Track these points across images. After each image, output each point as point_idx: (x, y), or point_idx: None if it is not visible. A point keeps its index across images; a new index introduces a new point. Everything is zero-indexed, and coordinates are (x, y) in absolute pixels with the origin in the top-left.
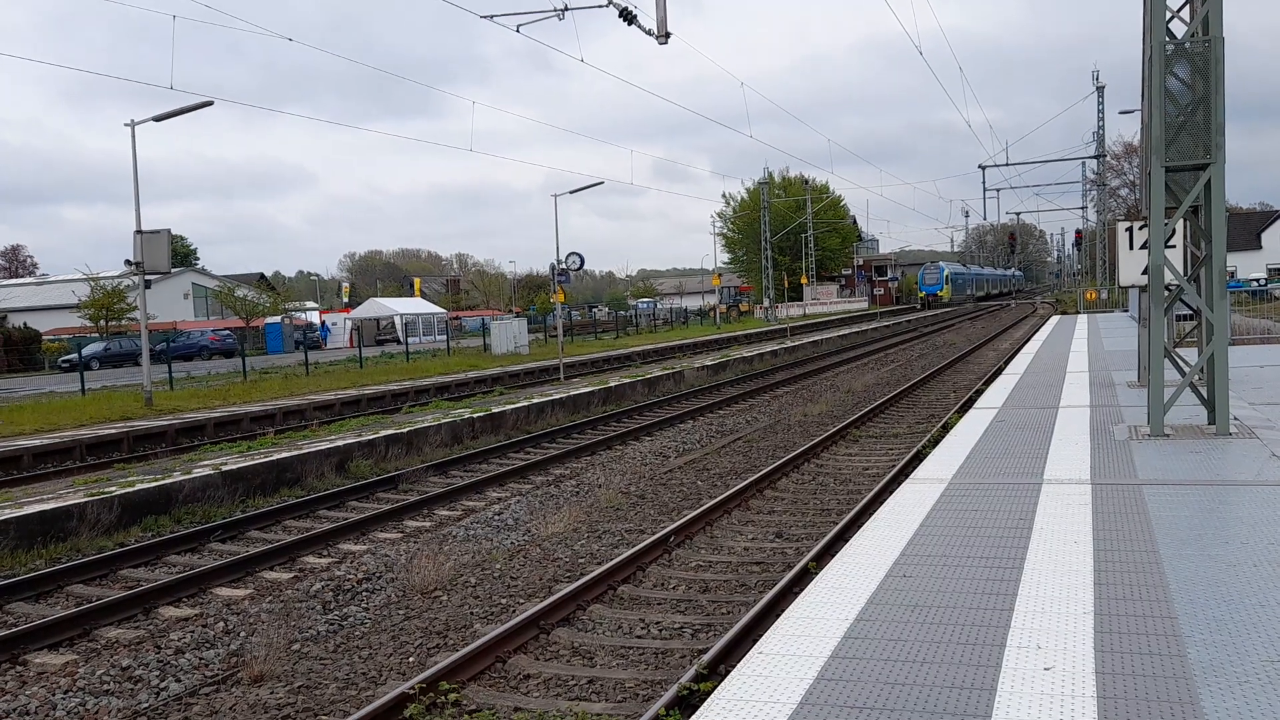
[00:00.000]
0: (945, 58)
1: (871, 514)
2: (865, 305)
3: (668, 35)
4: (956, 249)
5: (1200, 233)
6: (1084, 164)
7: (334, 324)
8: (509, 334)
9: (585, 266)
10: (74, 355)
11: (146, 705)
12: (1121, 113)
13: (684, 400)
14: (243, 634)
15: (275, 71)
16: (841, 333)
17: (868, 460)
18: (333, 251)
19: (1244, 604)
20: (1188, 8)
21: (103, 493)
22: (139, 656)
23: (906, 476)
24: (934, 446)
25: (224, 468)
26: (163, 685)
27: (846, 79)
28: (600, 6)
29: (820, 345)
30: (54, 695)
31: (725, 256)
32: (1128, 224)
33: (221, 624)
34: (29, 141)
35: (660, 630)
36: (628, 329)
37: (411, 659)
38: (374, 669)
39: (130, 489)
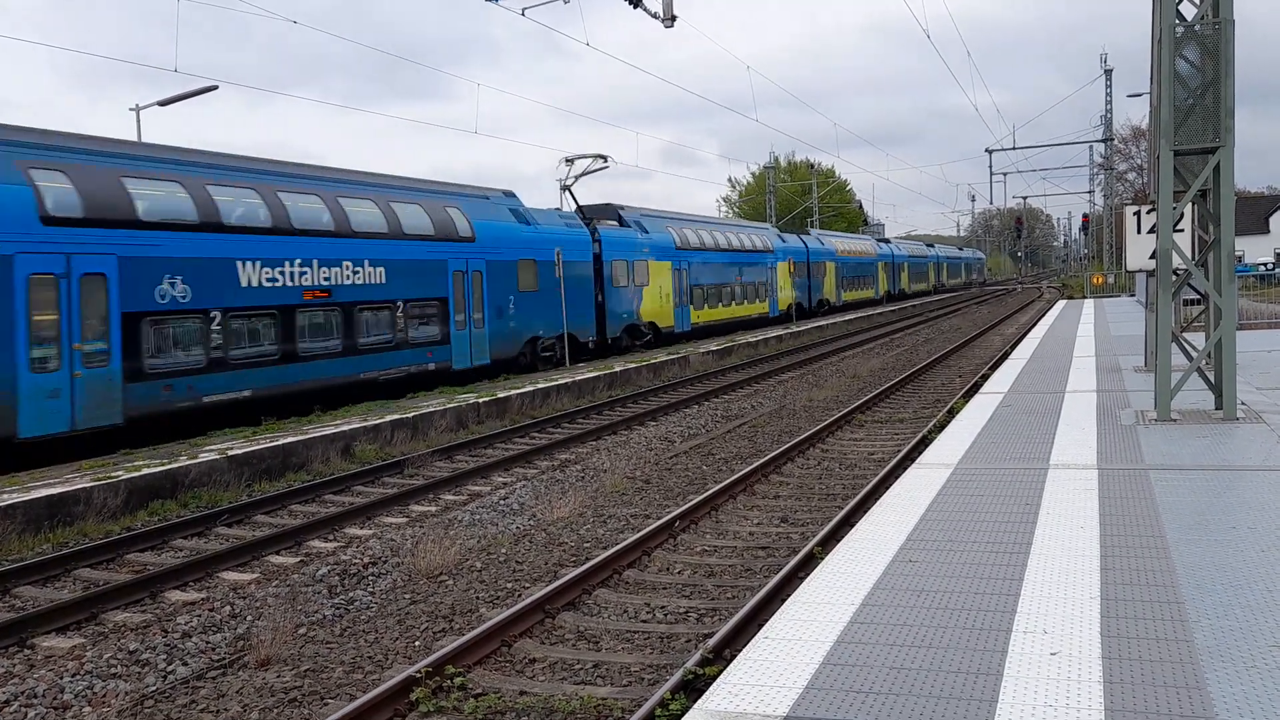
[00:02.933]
0: (952, 40)
1: (877, 499)
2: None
3: (674, 18)
4: (963, 233)
5: (1209, 217)
6: (1091, 148)
7: None
8: None
9: None
10: None
11: (154, 688)
12: (1130, 96)
13: (689, 385)
14: (249, 618)
15: (281, 55)
16: (847, 317)
17: (873, 445)
18: None
19: (1251, 589)
20: None
21: (109, 477)
22: (146, 640)
23: (912, 461)
24: (940, 431)
25: (230, 452)
26: (170, 668)
27: (853, 62)
28: None
29: (825, 330)
30: (61, 678)
31: None
32: (1135, 208)
33: (228, 608)
34: (37, 124)
35: (666, 615)
36: None
37: (417, 643)
38: (380, 653)
39: (136, 473)
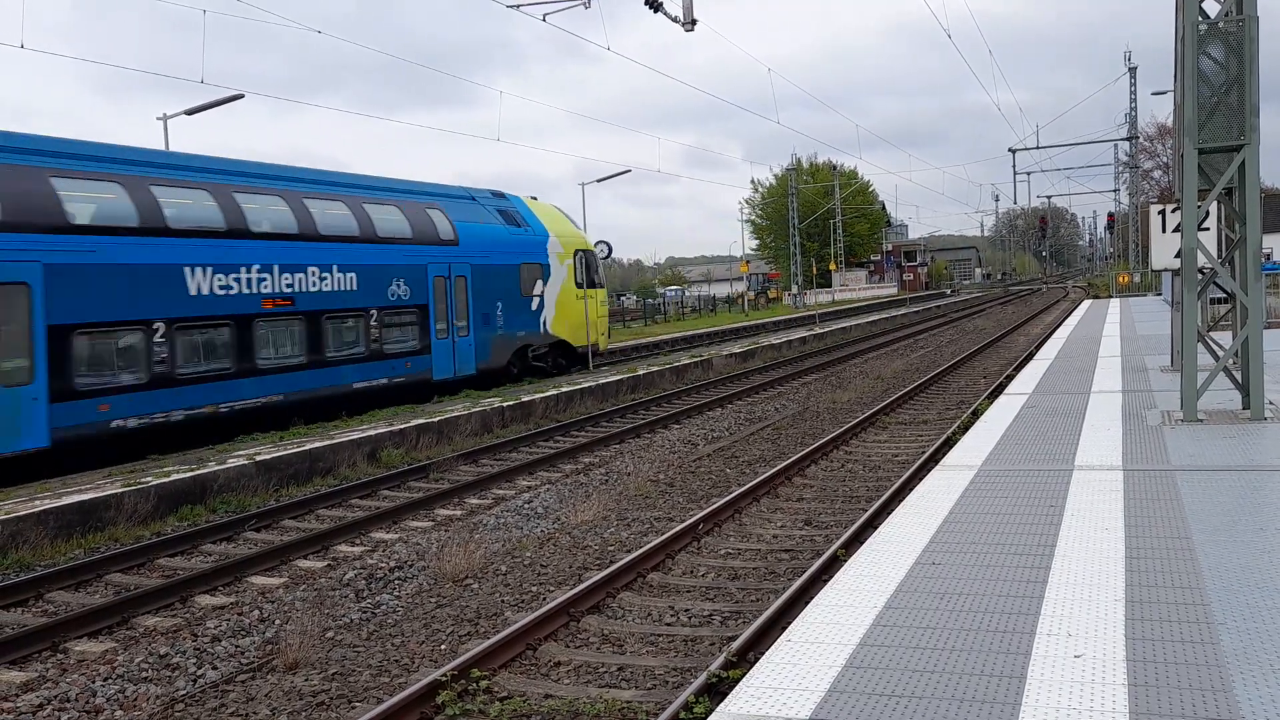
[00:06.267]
0: (974, 39)
1: (901, 501)
2: (894, 291)
3: (694, 22)
4: (987, 233)
5: (1234, 215)
6: (1116, 146)
7: None
8: None
9: (613, 255)
10: None
11: (184, 692)
12: (1154, 94)
13: (712, 388)
14: (278, 622)
15: (306, 63)
16: (870, 319)
17: (897, 447)
18: None
19: (1279, 591)
20: None
21: (139, 483)
22: (176, 644)
23: (936, 463)
24: (964, 433)
25: (258, 458)
26: (200, 672)
27: (874, 63)
28: None
29: (849, 332)
30: (93, 683)
31: (754, 243)
32: (1160, 207)
33: (257, 612)
34: (63, 134)
35: (689, 618)
36: (656, 317)
37: (443, 646)
38: (406, 656)
39: (166, 479)
